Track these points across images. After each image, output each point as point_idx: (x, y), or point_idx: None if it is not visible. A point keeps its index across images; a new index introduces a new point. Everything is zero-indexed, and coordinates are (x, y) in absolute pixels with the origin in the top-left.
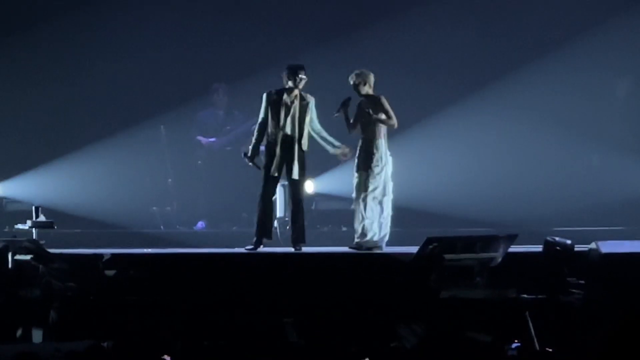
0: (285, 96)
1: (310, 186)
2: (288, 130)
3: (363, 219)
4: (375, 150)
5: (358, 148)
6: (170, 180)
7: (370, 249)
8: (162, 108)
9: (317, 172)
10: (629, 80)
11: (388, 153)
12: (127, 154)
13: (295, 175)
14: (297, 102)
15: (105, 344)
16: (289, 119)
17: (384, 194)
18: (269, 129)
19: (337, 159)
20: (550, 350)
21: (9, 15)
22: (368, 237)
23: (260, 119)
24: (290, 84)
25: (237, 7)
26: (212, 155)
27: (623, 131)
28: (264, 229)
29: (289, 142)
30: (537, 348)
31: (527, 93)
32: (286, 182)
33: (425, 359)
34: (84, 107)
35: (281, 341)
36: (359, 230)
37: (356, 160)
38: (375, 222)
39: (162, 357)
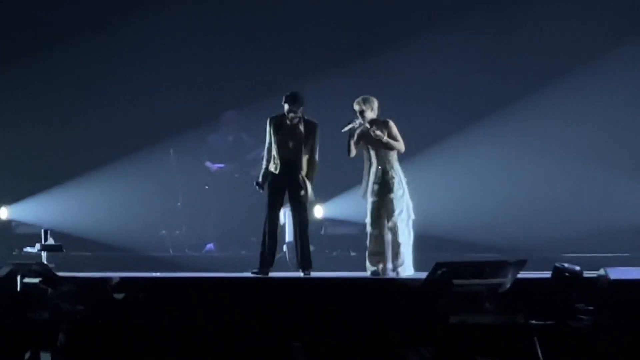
0: (287, 121)
1: (319, 211)
2: (289, 154)
3: (398, 245)
4: (394, 175)
5: (371, 174)
6: (179, 203)
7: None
8: (171, 132)
9: (326, 197)
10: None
11: (403, 175)
12: (137, 178)
13: (298, 199)
14: (300, 127)
15: None
16: (290, 143)
17: (409, 216)
18: (273, 154)
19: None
20: None
21: (16, 43)
22: (406, 262)
23: (266, 145)
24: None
25: (248, 32)
26: (221, 179)
27: (633, 157)
28: (268, 257)
29: (290, 167)
30: None
31: (536, 119)
32: None
33: None
34: (93, 130)
35: None
36: (393, 256)
37: (373, 187)
38: (409, 247)
39: None
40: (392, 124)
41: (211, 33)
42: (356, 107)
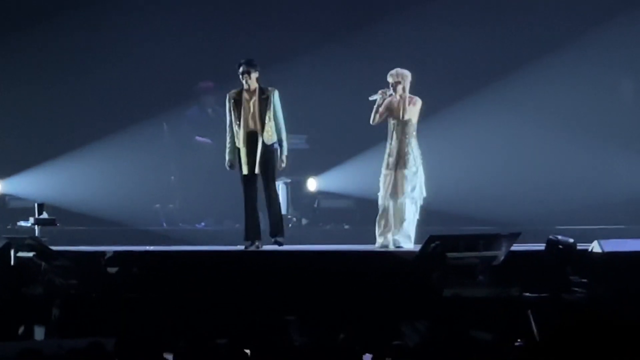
0: (244, 93)
1: (312, 184)
2: (250, 127)
3: (403, 220)
4: (409, 151)
5: (387, 147)
6: (173, 177)
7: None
8: (165, 106)
9: (319, 170)
10: (634, 79)
11: (420, 152)
12: (130, 152)
13: (259, 169)
14: (256, 97)
15: (107, 342)
16: (251, 116)
17: (420, 194)
18: (234, 129)
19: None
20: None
21: (12, 14)
22: (408, 238)
23: (227, 121)
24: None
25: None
26: (209, 154)
27: (627, 130)
28: (251, 230)
29: (252, 139)
30: (540, 346)
31: (530, 92)
32: (288, 180)
33: (428, 358)
34: (86, 105)
35: (284, 339)
36: (396, 230)
37: (388, 160)
38: (413, 224)
39: (164, 356)
40: (418, 103)
41: (200, 3)
42: (389, 79)
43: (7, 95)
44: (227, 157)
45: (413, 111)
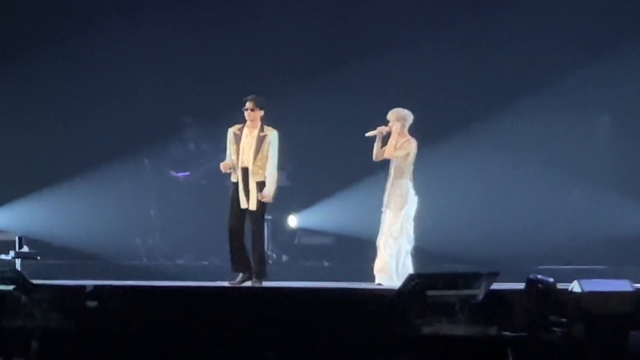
0: (245, 129)
1: (293, 220)
2: (244, 163)
3: (385, 258)
4: (398, 188)
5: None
6: (152, 212)
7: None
8: (146, 141)
9: (299, 207)
10: (611, 119)
11: (413, 192)
12: (111, 186)
13: (252, 206)
14: (255, 134)
15: None
16: (246, 152)
17: (402, 234)
18: (232, 163)
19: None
20: None
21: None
22: (388, 277)
23: (227, 155)
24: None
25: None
26: (189, 188)
27: (606, 170)
28: (237, 263)
29: (246, 175)
30: None
31: (511, 132)
32: (269, 217)
33: None
34: (68, 139)
35: None
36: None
37: (384, 197)
38: (395, 262)
39: None
40: (411, 145)
41: (185, 39)
42: (388, 117)
43: None
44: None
45: (402, 152)
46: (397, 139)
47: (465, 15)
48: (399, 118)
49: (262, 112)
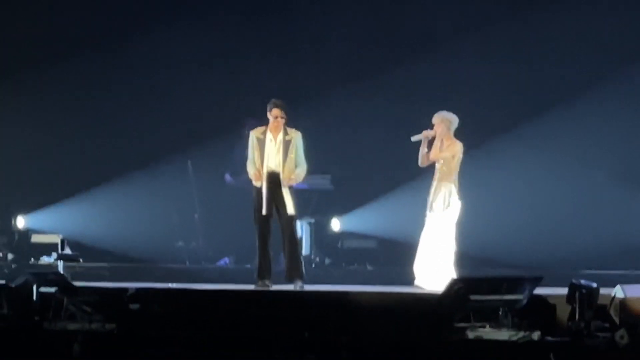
0: (268, 133)
1: (336, 224)
2: (271, 167)
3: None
4: (443, 191)
5: (430, 187)
6: (196, 215)
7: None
8: (190, 143)
9: (343, 211)
10: None
11: (457, 197)
12: (155, 189)
13: (291, 210)
14: (280, 138)
15: None
16: (272, 156)
17: (446, 238)
18: (256, 167)
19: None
20: None
21: (44, 47)
22: (426, 278)
23: (249, 158)
24: (270, 119)
25: (269, 40)
26: (232, 192)
27: None
28: (264, 270)
29: (273, 179)
30: None
31: (556, 135)
32: (312, 220)
33: None
34: (112, 141)
35: None
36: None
37: (429, 202)
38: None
39: None
40: (456, 147)
41: (230, 43)
42: (433, 120)
43: (33, 131)
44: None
45: (447, 154)
46: (442, 141)
47: (510, 18)
48: (444, 120)
49: (286, 117)
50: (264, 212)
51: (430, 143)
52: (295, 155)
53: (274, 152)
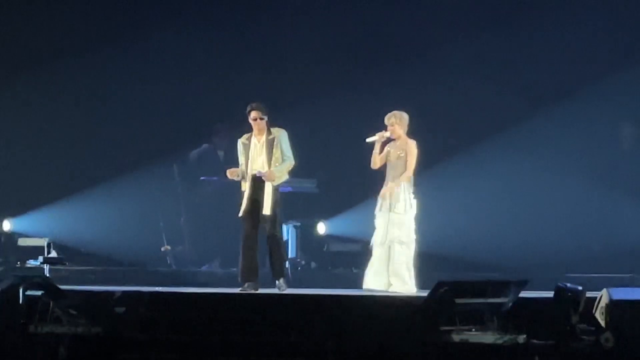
0: (253, 137)
1: (322, 228)
2: (256, 168)
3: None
4: (401, 194)
5: (382, 189)
6: (182, 219)
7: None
8: (175, 147)
9: (328, 214)
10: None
11: (413, 196)
12: (140, 192)
13: (266, 210)
14: (263, 139)
15: None
16: (257, 159)
17: (411, 239)
18: (243, 171)
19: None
20: None
21: (31, 54)
22: (407, 281)
23: (239, 166)
24: (251, 124)
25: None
26: (217, 196)
27: (636, 177)
28: (247, 272)
29: (258, 180)
30: None
31: (540, 139)
32: (298, 224)
33: None
34: (98, 144)
35: None
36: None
37: (381, 202)
38: (406, 268)
39: None
40: (413, 146)
41: (212, 46)
42: (385, 121)
43: (18, 134)
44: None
45: (405, 153)
46: (401, 141)
47: (495, 20)
48: (399, 121)
49: (265, 117)
50: (240, 213)
51: (384, 144)
52: (281, 152)
53: (258, 153)
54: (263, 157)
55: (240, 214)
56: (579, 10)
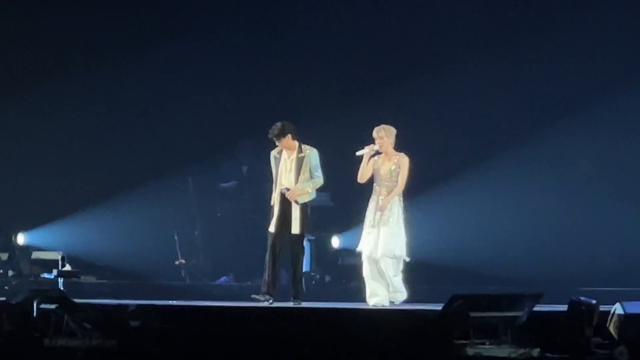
0: (284, 152)
1: (336, 241)
2: (284, 184)
3: (387, 277)
4: (391, 209)
5: (371, 203)
6: (197, 232)
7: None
8: (190, 160)
9: (343, 228)
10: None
11: (402, 211)
12: (155, 206)
13: (295, 230)
14: (294, 156)
15: None
16: (285, 175)
17: (401, 254)
18: (273, 186)
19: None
20: None
21: (43, 64)
22: (397, 289)
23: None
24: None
25: (265, 60)
26: (236, 207)
27: None
28: (270, 286)
29: (285, 198)
30: None
31: (555, 152)
32: (312, 237)
33: None
34: (112, 158)
35: None
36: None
37: (373, 217)
38: (399, 279)
39: None
40: (404, 160)
41: (231, 60)
42: (374, 134)
43: (33, 148)
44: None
45: (394, 167)
46: (390, 154)
47: (506, 35)
48: (388, 134)
49: (289, 136)
50: (271, 229)
51: (371, 157)
52: (309, 171)
53: (287, 170)
54: (292, 175)
55: (271, 229)
56: (587, 24)
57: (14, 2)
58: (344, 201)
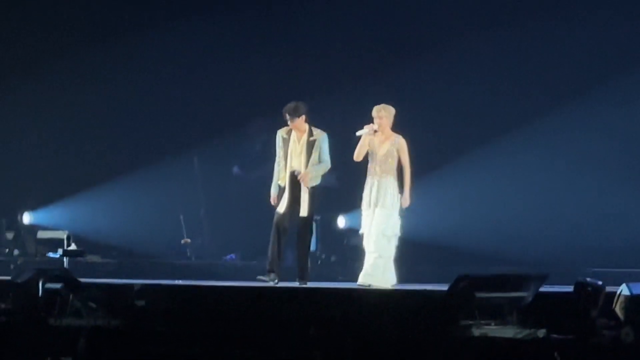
0: (293, 132)
1: (342, 222)
2: (294, 166)
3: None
4: (387, 188)
5: (367, 184)
6: (202, 211)
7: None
8: (196, 140)
9: (348, 208)
10: None
11: (397, 191)
12: (160, 185)
13: (304, 212)
14: (304, 138)
15: None
16: (295, 157)
17: (394, 234)
18: (280, 167)
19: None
20: None
21: (48, 42)
22: (389, 276)
23: (276, 157)
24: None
25: (273, 39)
26: (244, 187)
27: None
28: (274, 264)
29: (295, 179)
30: None
31: (562, 133)
32: (318, 217)
33: None
34: (117, 137)
35: None
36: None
37: (368, 197)
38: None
39: None
40: (402, 142)
41: (237, 40)
42: (373, 113)
43: (38, 128)
44: (271, 191)
45: (392, 148)
46: (387, 134)
47: (507, 21)
48: (388, 114)
49: (302, 118)
50: (279, 209)
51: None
52: (319, 155)
53: (297, 152)
54: (302, 157)
55: (279, 209)
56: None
57: None
58: (350, 182)
